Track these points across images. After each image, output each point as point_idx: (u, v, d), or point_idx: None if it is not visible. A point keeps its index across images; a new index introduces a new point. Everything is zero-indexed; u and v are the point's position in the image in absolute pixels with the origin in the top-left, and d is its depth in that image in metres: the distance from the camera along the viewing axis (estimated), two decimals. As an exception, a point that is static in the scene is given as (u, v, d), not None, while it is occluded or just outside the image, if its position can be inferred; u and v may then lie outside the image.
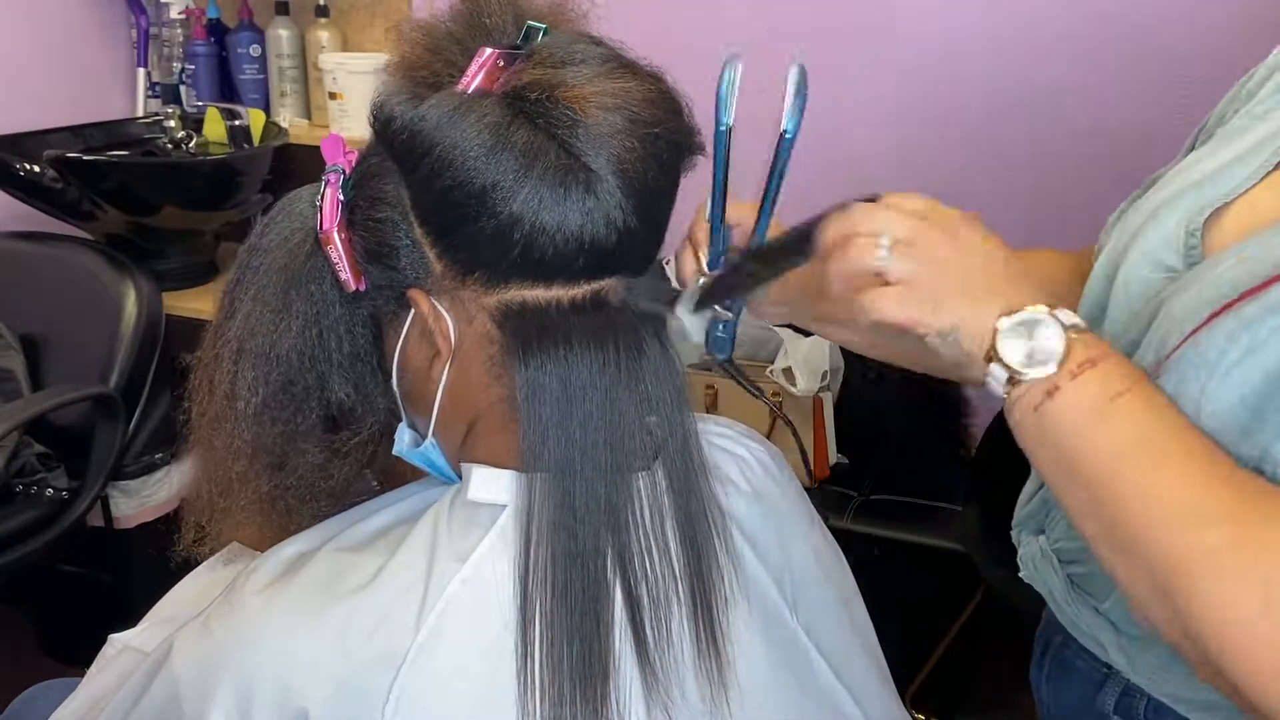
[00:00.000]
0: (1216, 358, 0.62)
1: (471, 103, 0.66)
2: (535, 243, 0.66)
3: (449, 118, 0.66)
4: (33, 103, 2.23)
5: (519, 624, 0.68)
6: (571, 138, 0.66)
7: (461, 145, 0.65)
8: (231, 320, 0.77)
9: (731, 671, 0.73)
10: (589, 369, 0.69)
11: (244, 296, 0.77)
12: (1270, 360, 0.61)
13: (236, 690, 0.69)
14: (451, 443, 0.77)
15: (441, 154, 0.66)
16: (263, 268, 0.76)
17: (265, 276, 0.76)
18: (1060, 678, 0.88)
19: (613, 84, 0.67)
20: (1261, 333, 0.61)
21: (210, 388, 0.79)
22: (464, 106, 0.66)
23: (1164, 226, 0.73)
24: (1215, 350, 0.63)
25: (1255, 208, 0.69)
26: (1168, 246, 0.72)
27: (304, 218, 0.77)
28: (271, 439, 0.77)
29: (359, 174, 0.74)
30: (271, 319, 0.75)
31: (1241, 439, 0.62)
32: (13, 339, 1.93)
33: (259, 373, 0.76)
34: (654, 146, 0.68)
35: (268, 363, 0.76)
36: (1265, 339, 0.61)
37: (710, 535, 0.73)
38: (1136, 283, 0.73)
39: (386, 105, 0.69)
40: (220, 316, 0.79)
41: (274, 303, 0.76)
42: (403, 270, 0.71)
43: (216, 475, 0.79)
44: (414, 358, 0.75)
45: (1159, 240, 0.73)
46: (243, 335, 0.76)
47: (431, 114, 0.66)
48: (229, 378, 0.77)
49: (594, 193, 0.66)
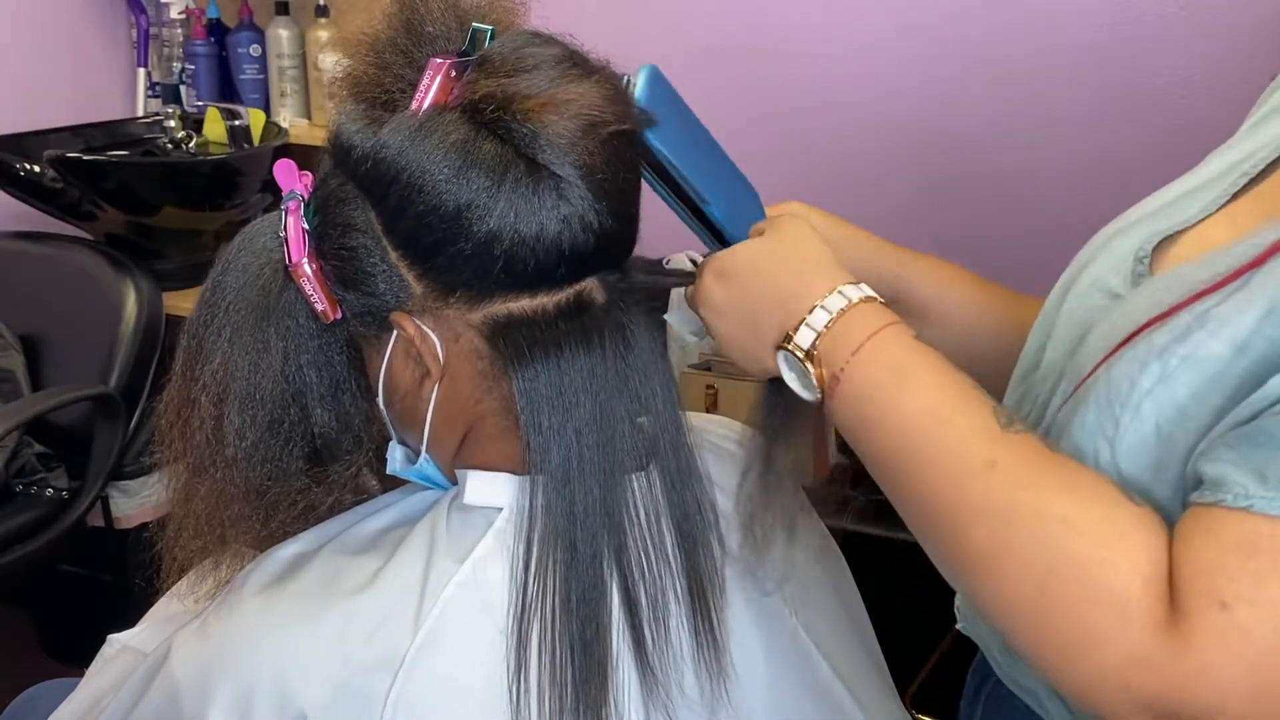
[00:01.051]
0: (1129, 389, 0.61)
1: (432, 123, 0.66)
2: (516, 255, 0.66)
3: (411, 141, 0.65)
4: (33, 103, 2.23)
5: (516, 627, 0.68)
6: (535, 150, 0.65)
7: (429, 169, 0.65)
8: (205, 363, 0.75)
9: (731, 668, 0.73)
10: (580, 373, 0.69)
11: (218, 338, 0.74)
12: (1180, 392, 0.60)
13: (235, 692, 0.69)
14: (445, 455, 0.76)
15: (410, 180, 0.65)
16: (233, 307, 0.74)
17: (239, 316, 0.74)
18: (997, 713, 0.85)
19: (566, 89, 0.66)
20: (1172, 362, 0.60)
21: (186, 433, 0.76)
22: (424, 128, 0.65)
23: (1115, 253, 0.72)
24: (1127, 381, 0.62)
25: (1203, 237, 0.69)
26: (1115, 272, 0.71)
27: (268, 251, 0.75)
28: (261, 480, 0.75)
29: (319, 199, 0.72)
30: (252, 359, 0.74)
31: (1155, 476, 0.61)
32: (13, 339, 1.93)
33: (246, 416, 0.74)
34: (615, 145, 0.68)
35: (254, 404, 0.74)
36: (1174, 369, 0.60)
37: (706, 533, 0.73)
38: (1080, 309, 0.73)
39: (344, 133, 0.68)
40: (186, 358, 0.76)
41: (252, 342, 0.74)
42: (381, 295, 0.70)
43: (209, 522, 0.77)
44: (400, 378, 0.74)
45: (1108, 266, 0.72)
46: (223, 379, 0.74)
47: (393, 140, 0.66)
48: (211, 423, 0.74)
49: (566, 198, 0.66)
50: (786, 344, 0.67)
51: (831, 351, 0.66)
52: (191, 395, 0.76)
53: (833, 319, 0.66)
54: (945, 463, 0.61)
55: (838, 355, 0.66)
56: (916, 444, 0.62)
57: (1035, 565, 0.56)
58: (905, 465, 0.63)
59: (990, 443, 0.60)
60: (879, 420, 0.64)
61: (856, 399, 0.65)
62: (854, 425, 0.66)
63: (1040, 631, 0.56)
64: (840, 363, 0.65)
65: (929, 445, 0.62)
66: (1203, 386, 0.59)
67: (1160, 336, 0.61)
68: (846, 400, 0.66)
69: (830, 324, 0.66)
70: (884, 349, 0.65)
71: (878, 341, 0.65)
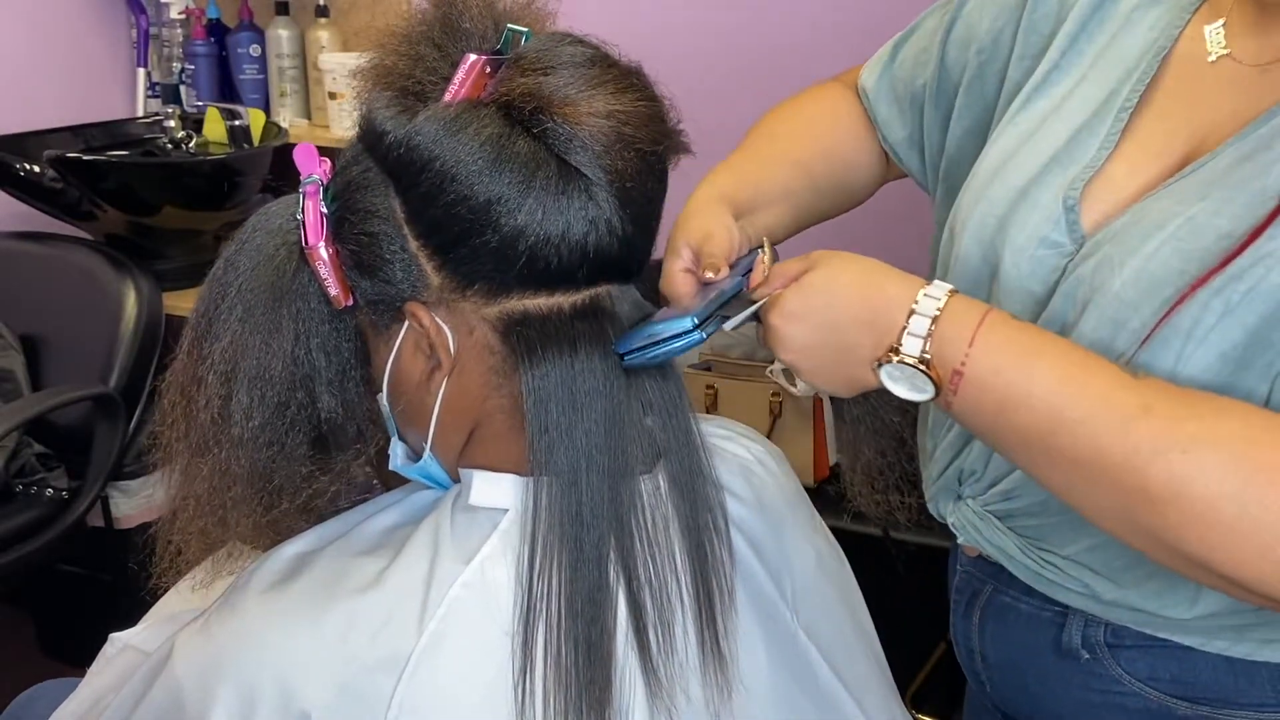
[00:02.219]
0: (1191, 325, 0.68)
1: (468, 115, 0.66)
2: (540, 253, 0.66)
3: (446, 131, 0.65)
4: (33, 103, 2.23)
5: (521, 628, 0.68)
6: (569, 151, 0.65)
7: (463, 159, 0.65)
8: (214, 341, 0.74)
9: (735, 672, 0.73)
10: (593, 375, 0.69)
11: (229, 317, 0.74)
12: (1249, 318, 0.67)
13: (239, 693, 0.69)
14: (448, 453, 0.76)
15: (441, 168, 0.65)
16: (246, 286, 0.74)
17: (251, 295, 0.74)
18: (1000, 623, 0.90)
19: (600, 92, 0.67)
20: (1234, 297, 0.67)
21: (190, 412, 0.76)
22: (460, 119, 0.65)
23: (1039, 206, 0.78)
24: (1190, 319, 0.68)
25: (1114, 181, 0.77)
26: (1049, 223, 0.77)
27: (284, 232, 0.74)
28: (265, 462, 0.75)
29: (339, 184, 0.72)
30: (263, 339, 0.73)
31: (1222, 391, 0.68)
32: (13, 339, 1.93)
33: (254, 395, 0.73)
34: (647, 159, 0.68)
35: (263, 384, 0.73)
36: (1238, 302, 0.67)
37: (713, 537, 0.73)
38: (1027, 262, 0.78)
39: (377, 118, 0.68)
40: (195, 336, 0.76)
41: (264, 322, 0.73)
42: (398, 284, 0.70)
43: (210, 503, 0.76)
44: (409, 370, 0.74)
45: (1041, 218, 0.77)
46: (232, 357, 0.73)
47: (427, 128, 0.66)
48: (218, 402, 0.74)
49: (595, 201, 0.66)
50: (892, 357, 0.68)
51: (945, 350, 0.67)
52: (198, 374, 0.75)
53: (934, 320, 0.67)
54: (1101, 417, 0.64)
55: (953, 352, 0.67)
56: (1063, 408, 0.64)
57: (1227, 482, 0.60)
58: (1056, 432, 0.65)
59: (1134, 389, 0.64)
60: (1016, 399, 0.66)
61: (984, 386, 0.67)
62: (986, 411, 0.67)
63: (1242, 540, 0.60)
64: (959, 357, 0.67)
65: (1077, 406, 0.64)
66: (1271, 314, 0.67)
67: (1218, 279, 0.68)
68: (973, 390, 0.67)
69: (933, 326, 0.67)
70: (996, 333, 0.67)
71: (987, 329, 0.67)
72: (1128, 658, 0.82)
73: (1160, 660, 0.80)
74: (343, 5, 2.31)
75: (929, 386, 0.68)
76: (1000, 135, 0.85)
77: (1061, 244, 0.77)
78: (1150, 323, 0.70)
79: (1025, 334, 0.69)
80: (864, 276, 0.71)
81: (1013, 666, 0.90)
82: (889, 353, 0.68)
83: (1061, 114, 0.81)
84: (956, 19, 0.93)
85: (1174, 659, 0.79)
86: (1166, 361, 0.69)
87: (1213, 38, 0.76)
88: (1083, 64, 0.82)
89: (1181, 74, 0.77)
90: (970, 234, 0.82)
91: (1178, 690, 0.80)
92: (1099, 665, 0.83)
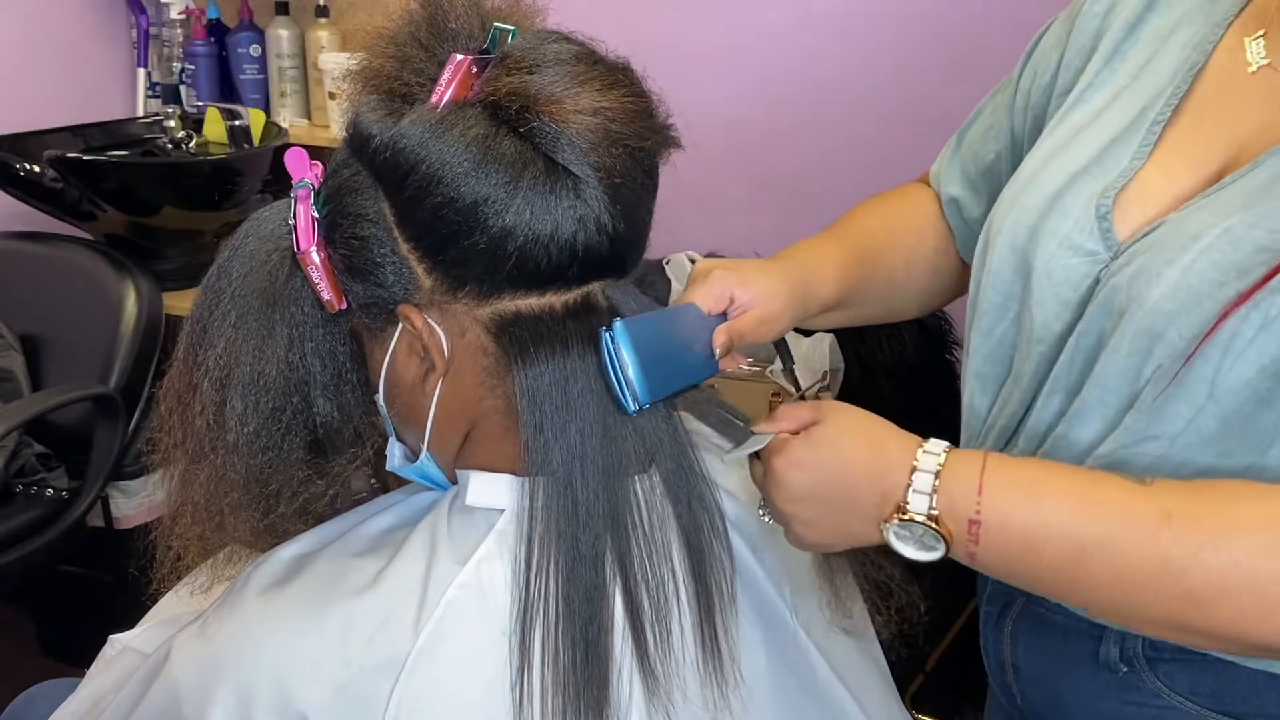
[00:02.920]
0: (1229, 339, 0.67)
1: (453, 116, 0.65)
2: (530, 253, 0.66)
3: (432, 133, 0.65)
4: (33, 103, 2.23)
5: (519, 628, 0.68)
6: (555, 149, 0.65)
7: (449, 161, 0.65)
8: (209, 348, 0.75)
9: (734, 671, 0.73)
10: (586, 374, 0.69)
11: (223, 323, 0.74)
12: None
13: (236, 694, 0.69)
14: (446, 453, 0.76)
15: (428, 171, 0.65)
16: (239, 292, 0.74)
17: (244, 301, 0.74)
18: (1034, 635, 0.89)
19: (587, 89, 0.67)
20: (1272, 311, 0.66)
21: (186, 418, 0.76)
22: (446, 121, 0.65)
23: (1070, 213, 0.78)
24: (1228, 332, 0.68)
25: (1147, 189, 0.77)
26: (1082, 231, 0.77)
27: (276, 238, 0.74)
28: (261, 467, 0.75)
29: (330, 189, 0.72)
30: (256, 345, 0.74)
31: (1260, 408, 0.68)
32: (13, 339, 1.93)
33: (249, 401, 0.74)
34: (635, 155, 0.68)
35: (257, 390, 0.74)
36: (1276, 315, 0.66)
37: (710, 536, 0.73)
38: (1060, 270, 0.78)
39: (363, 122, 0.68)
40: (190, 343, 0.76)
41: (257, 328, 0.74)
42: (389, 287, 0.70)
43: (208, 509, 0.76)
44: (403, 373, 0.74)
45: (1072, 226, 0.78)
46: (227, 364, 0.74)
47: (413, 130, 0.65)
48: (213, 408, 0.74)
49: (583, 199, 0.66)
50: (898, 516, 0.68)
51: (954, 504, 0.67)
52: (193, 381, 0.75)
53: (937, 475, 0.67)
54: (1125, 534, 0.64)
55: (963, 503, 0.67)
56: (1085, 536, 0.65)
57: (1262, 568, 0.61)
58: (1085, 559, 0.65)
59: (1147, 498, 0.65)
60: (1037, 538, 0.66)
61: (1005, 528, 0.66)
62: (1011, 555, 0.67)
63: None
64: (971, 508, 0.67)
65: (1098, 529, 0.65)
66: None
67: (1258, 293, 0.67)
68: (995, 535, 0.67)
69: (937, 481, 0.67)
70: (1000, 478, 0.67)
71: (990, 475, 0.67)
72: (1166, 671, 0.81)
73: (1200, 674, 0.79)
74: (343, 5, 2.31)
75: (939, 544, 0.67)
76: (1036, 148, 0.85)
77: (1096, 252, 0.76)
78: (1188, 335, 0.69)
79: (1026, 470, 0.69)
80: (870, 434, 0.71)
81: (1046, 678, 0.89)
82: (894, 513, 0.68)
83: (1095, 127, 0.81)
84: (1017, 90, 0.94)
85: (1213, 673, 0.79)
86: (1205, 375, 0.69)
87: (1253, 49, 0.76)
88: (1117, 81, 0.82)
89: (1220, 85, 0.77)
90: (1003, 243, 0.82)
91: (1218, 704, 0.79)
92: (1137, 678, 0.82)
